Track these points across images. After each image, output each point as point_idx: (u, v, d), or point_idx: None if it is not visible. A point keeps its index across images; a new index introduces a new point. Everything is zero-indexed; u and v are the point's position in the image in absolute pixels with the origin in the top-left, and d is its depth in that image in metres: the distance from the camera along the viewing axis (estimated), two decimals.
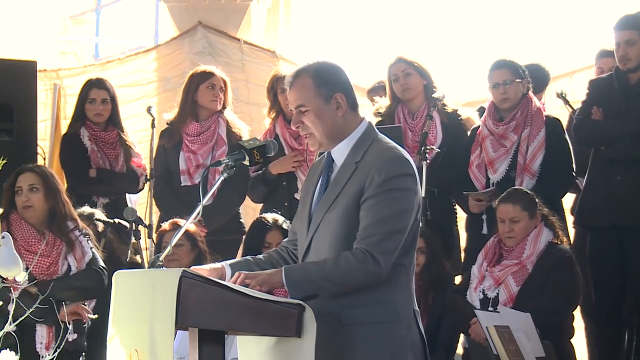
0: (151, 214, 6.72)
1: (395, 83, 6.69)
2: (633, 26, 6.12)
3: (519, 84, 6.35)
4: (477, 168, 6.45)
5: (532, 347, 5.44)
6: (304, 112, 3.83)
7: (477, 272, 5.97)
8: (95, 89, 7.11)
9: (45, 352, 5.44)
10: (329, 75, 3.86)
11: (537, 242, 5.85)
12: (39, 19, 12.02)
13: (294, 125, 3.88)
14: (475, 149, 6.47)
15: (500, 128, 6.41)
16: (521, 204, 5.90)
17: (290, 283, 3.65)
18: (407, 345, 3.75)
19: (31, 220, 5.69)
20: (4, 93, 6.48)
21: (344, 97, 3.84)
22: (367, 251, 3.66)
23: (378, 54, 12.64)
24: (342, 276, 3.67)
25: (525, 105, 6.38)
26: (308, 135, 3.87)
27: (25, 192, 5.69)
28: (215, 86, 6.88)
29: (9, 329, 4.07)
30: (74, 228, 5.75)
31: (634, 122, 6.06)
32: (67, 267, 5.68)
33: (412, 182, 3.77)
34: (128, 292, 3.80)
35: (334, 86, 3.84)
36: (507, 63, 6.41)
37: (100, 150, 7.06)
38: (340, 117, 3.84)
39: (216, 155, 6.78)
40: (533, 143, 6.33)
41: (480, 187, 6.41)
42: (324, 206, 3.82)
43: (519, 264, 5.83)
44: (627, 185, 6.04)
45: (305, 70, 3.86)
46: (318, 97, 3.81)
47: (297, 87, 3.85)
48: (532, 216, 5.90)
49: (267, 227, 6.14)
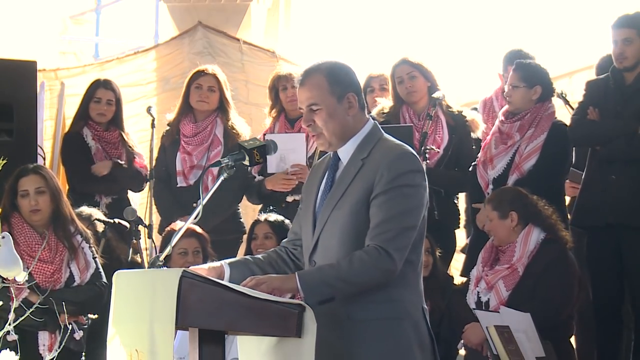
0: (151, 214, 6.72)
1: (399, 85, 6.69)
2: (631, 25, 6.13)
3: (527, 90, 6.37)
4: (482, 165, 6.49)
5: (532, 347, 5.44)
6: (315, 110, 3.81)
7: (475, 273, 5.98)
8: (102, 89, 7.16)
9: (47, 354, 5.44)
10: (341, 74, 3.85)
11: (527, 243, 5.82)
12: (39, 19, 12.02)
13: (305, 123, 3.85)
14: (485, 146, 6.53)
15: (506, 126, 6.45)
16: (492, 203, 5.93)
17: (305, 288, 3.63)
18: (415, 342, 3.75)
19: (37, 223, 5.68)
20: (4, 93, 6.48)
21: (356, 98, 3.84)
22: (381, 248, 3.64)
23: (378, 53, 12.65)
24: (358, 276, 3.65)
25: (538, 108, 6.40)
26: (317, 135, 3.85)
27: (33, 195, 5.67)
28: (202, 86, 6.86)
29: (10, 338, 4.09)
30: (75, 232, 5.75)
31: (630, 121, 6.07)
32: (69, 275, 5.67)
33: (421, 178, 3.78)
34: (128, 292, 3.80)
35: (347, 86, 3.83)
36: (523, 66, 6.46)
37: (104, 149, 7.10)
38: (350, 117, 3.83)
39: (211, 156, 6.78)
40: (531, 144, 6.35)
41: (484, 184, 6.45)
42: (330, 204, 3.81)
43: (509, 267, 5.81)
44: (623, 184, 6.05)
45: (318, 69, 3.83)
46: (331, 96, 3.80)
47: (310, 85, 3.82)
48: (504, 216, 5.87)
49: (257, 220, 6.26)
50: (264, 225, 6.19)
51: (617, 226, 6.07)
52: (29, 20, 11.64)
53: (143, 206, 6.93)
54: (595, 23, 12.41)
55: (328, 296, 3.64)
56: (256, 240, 6.17)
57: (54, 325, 5.44)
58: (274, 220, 6.19)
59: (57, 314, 5.23)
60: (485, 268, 5.92)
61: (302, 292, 3.62)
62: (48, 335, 5.54)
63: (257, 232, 6.19)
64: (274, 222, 6.17)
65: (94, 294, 5.69)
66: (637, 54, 6.13)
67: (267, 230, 6.15)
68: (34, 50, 10.36)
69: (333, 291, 3.65)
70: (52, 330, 5.52)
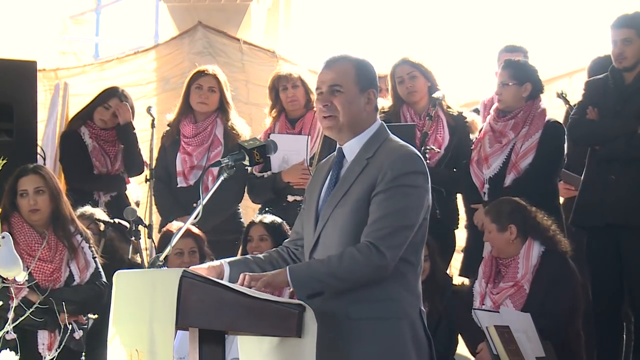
0: (151, 214, 6.72)
1: (400, 85, 6.69)
2: (630, 25, 6.14)
3: (518, 87, 6.36)
4: (477, 164, 6.48)
5: (532, 347, 5.43)
6: (336, 93, 3.82)
7: (478, 289, 5.95)
8: (116, 99, 7.16)
9: (47, 353, 5.45)
10: (368, 70, 3.90)
11: (529, 258, 5.81)
12: (39, 19, 12.03)
13: (322, 102, 3.84)
14: (477, 144, 6.50)
15: (499, 124, 6.44)
16: (490, 216, 5.91)
17: (295, 282, 3.65)
18: (411, 342, 3.75)
19: (37, 223, 5.69)
20: (4, 93, 6.48)
21: (375, 96, 3.89)
22: (373, 244, 3.65)
23: (378, 53, 12.64)
24: (347, 272, 3.67)
25: (530, 106, 6.39)
26: (329, 117, 3.84)
27: (32, 195, 5.68)
28: (203, 87, 6.86)
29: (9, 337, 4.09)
30: (74, 231, 5.75)
31: (630, 121, 6.07)
32: (69, 274, 5.68)
33: (424, 180, 3.78)
34: (128, 292, 3.80)
35: (371, 82, 3.89)
36: (512, 64, 6.45)
37: (101, 147, 7.12)
38: (366, 112, 3.86)
39: (211, 156, 6.78)
40: (526, 142, 6.35)
41: (479, 183, 6.44)
42: (332, 201, 3.82)
43: (515, 285, 5.78)
44: (623, 184, 6.05)
45: (347, 58, 3.89)
46: (356, 85, 3.84)
47: (338, 68, 3.85)
48: (502, 229, 5.84)
49: (252, 222, 6.25)
50: (259, 227, 6.17)
51: (617, 226, 6.07)
52: (29, 20, 11.64)
53: (143, 206, 6.94)
54: (595, 23, 12.41)
55: (317, 290, 3.66)
56: (251, 242, 6.15)
57: (54, 324, 5.45)
58: (269, 222, 6.17)
59: (57, 313, 5.23)
60: (489, 285, 5.88)
61: (292, 285, 3.65)
62: (48, 335, 5.54)
63: (252, 234, 6.17)
64: (269, 224, 6.15)
65: (94, 294, 5.69)
66: (636, 54, 6.13)
67: (262, 233, 6.13)
68: (34, 50, 10.36)
69: (322, 286, 3.67)
70: (52, 330, 5.52)
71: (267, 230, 6.11)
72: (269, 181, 6.72)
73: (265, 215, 6.29)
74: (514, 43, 7.44)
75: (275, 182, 6.70)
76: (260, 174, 6.72)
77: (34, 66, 6.76)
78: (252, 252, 5.89)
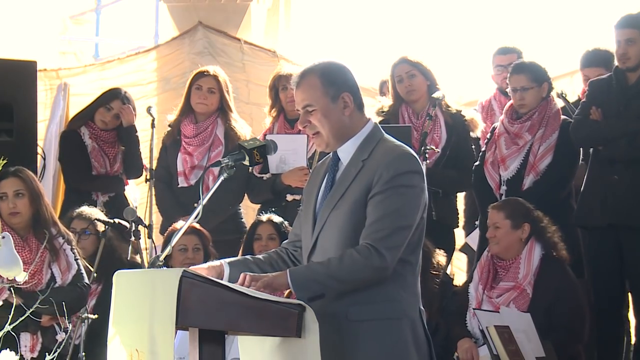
0: (151, 214, 6.72)
1: (399, 84, 6.70)
2: (634, 25, 6.13)
3: (538, 89, 6.37)
4: (492, 165, 6.48)
5: (532, 347, 5.43)
6: (311, 111, 3.83)
7: (474, 294, 5.91)
8: (119, 101, 7.15)
9: (30, 355, 5.44)
10: (336, 74, 3.86)
11: (531, 260, 5.80)
12: (39, 19, 12.02)
13: (301, 125, 3.88)
14: (491, 146, 6.51)
15: (515, 127, 6.45)
16: (505, 212, 5.87)
17: (295, 284, 3.65)
18: (411, 342, 3.76)
19: (17, 226, 5.68)
20: (4, 93, 6.48)
21: (351, 97, 3.85)
22: (372, 246, 3.65)
23: (378, 53, 12.66)
24: (347, 274, 3.67)
25: (544, 107, 6.41)
26: (315, 134, 3.87)
27: (11, 198, 5.68)
28: (202, 87, 6.87)
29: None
30: (56, 234, 5.74)
31: (633, 122, 6.07)
32: (50, 276, 5.66)
33: (420, 179, 3.78)
34: (128, 292, 3.80)
35: (341, 86, 3.84)
36: (527, 67, 6.44)
37: (101, 148, 7.12)
38: (347, 116, 3.85)
39: (212, 156, 6.79)
40: (544, 144, 6.36)
41: (494, 185, 6.44)
42: (329, 204, 3.82)
43: (517, 287, 5.77)
44: (625, 185, 6.04)
45: (312, 70, 3.86)
46: (325, 96, 3.82)
47: (304, 86, 3.85)
48: (516, 226, 5.82)
49: (259, 221, 6.26)
50: (267, 226, 6.19)
51: (619, 226, 6.07)
52: (29, 20, 11.63)
53: (143, 206, 6.94)
54: (595, 23, 12.42)
55: (317, 292, 3.65)
56: (260, 240, 6.17)
57: (35, 326, 5.44)
58: (279, 222, 6.20)
59: (39, 315, 5.21)
60: (486, 290, 5.86)
61: (292, 287, 3.65)
62: (30, 337, 5.54)
63: (260, 232, 6.19)
64: (277, 223, 6.18)
65: (76, 295, 5.68)
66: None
67: (271, 231, 6.16)
68: (34, 50, 10.36)
69: (322, 288, 3.66)
70: (34, 332, 5.51)
71: (276, 229, 6.14)
72: (268, 182, 6.73)
73: (272, 215, 6.30)
74: (507, 44, 7.43)
75: (274, 184, 6.70)
76: (259, 176, 6.72)
77: (34, 66, 6.76)
78: (260, 250, 5.93)
